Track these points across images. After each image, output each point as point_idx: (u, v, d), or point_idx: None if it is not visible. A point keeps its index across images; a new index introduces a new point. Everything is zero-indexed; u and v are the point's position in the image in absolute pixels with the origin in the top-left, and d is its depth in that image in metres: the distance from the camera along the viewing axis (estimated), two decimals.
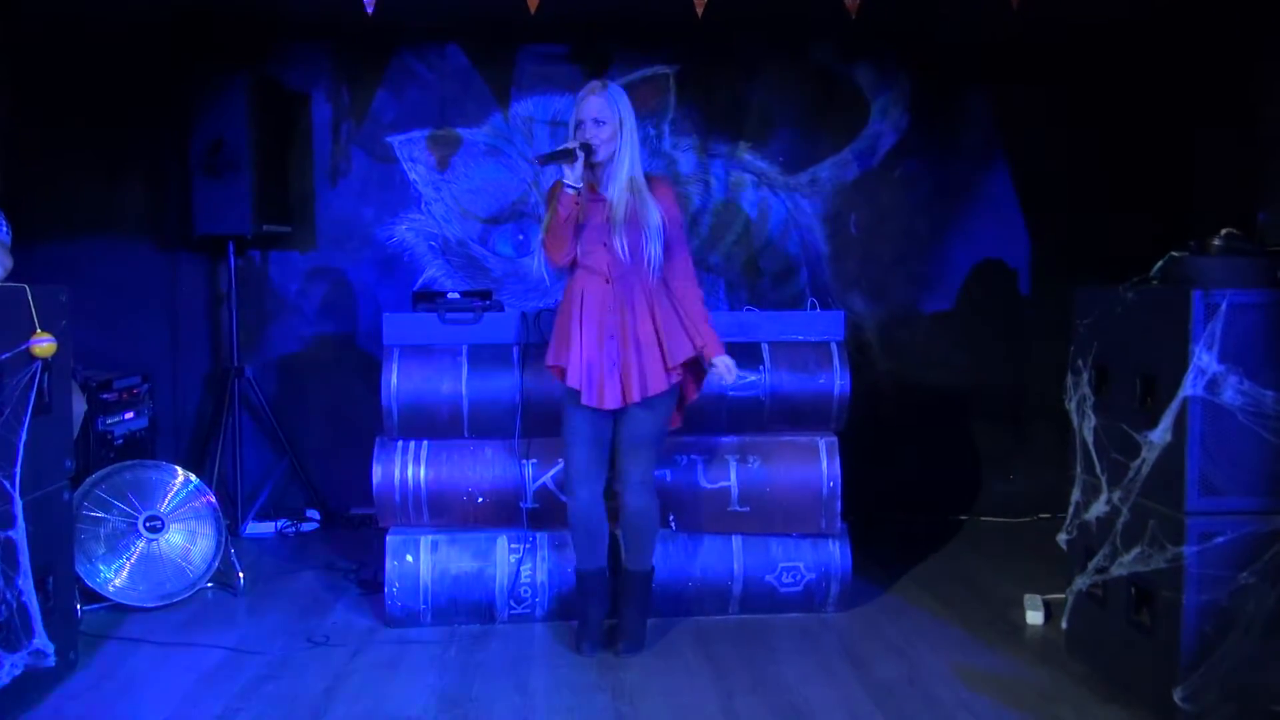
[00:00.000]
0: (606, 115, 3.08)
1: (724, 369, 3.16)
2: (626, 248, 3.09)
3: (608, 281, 3.12)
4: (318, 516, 4.85)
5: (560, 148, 3.05)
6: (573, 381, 3.11)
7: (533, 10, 2.80)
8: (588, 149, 3.05)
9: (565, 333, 3.16)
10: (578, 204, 3.05)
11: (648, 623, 3.37)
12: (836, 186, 4.99)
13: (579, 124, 3.10)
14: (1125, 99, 4.83)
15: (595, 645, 3.29)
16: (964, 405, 5.04)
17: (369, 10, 2.91)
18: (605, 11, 4.55)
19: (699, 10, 2.85)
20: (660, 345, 3.12)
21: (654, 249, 3.11)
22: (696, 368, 3.25)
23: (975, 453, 5.05)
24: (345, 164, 4.89)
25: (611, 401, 3.10)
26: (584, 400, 3.10)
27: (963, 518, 4.95)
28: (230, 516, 4.64)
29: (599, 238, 3.12)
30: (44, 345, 2.87)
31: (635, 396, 3.10)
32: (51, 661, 2.91)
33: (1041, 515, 4.90)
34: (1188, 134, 4.68)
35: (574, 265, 3.18)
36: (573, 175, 3.03)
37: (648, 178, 3.19)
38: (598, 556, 3.31)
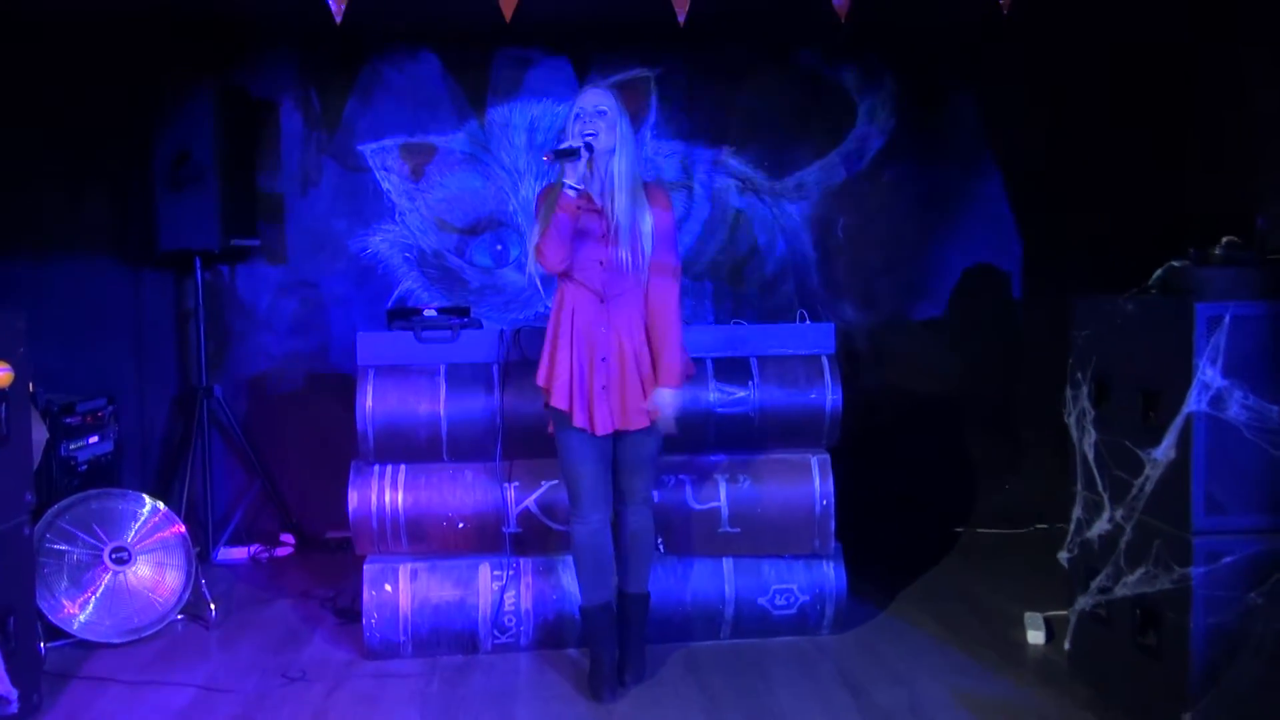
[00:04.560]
0: (605, 106, 3.04)
1: (661, 405, 3.05)
2: (629, 261, 3.03)
3: (602, 300, 3.05)
4: (292, 541, 4.77)
5: (567, 145, 2.95)
6: (559, 402, 3.05)
7: (508, 19, 2.74)
8: (590, 146, 2.97)
9: (552, 351, 3.09)
10: (579, 206, 2.98)
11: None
12: (823, 191, 4.96)
13: (578, 115, 3.03)
14: (1116, 98, 4.81)
15: (614, 689, 3.16)
16: (957, 413, 5.02)
17: (337, 20, 2.83)
18: (584, 13, 4.49)
19: (680, 17, 2.80)
20: (655, 367, 3.07)
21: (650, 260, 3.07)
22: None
23: (969, 463, 5.03)
24: (316, 174, 4.82)
25: (603, 427, 3.04)
26: (576, 422, 3.03)
27: (958, 530, 4.92)
28: (201, 542, 4.56)
29: (595, 253, 3.04)
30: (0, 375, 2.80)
31: (635, 423, 3.04)
32: (14, 708, 2.83)
33: (1039, 526, 4.87)
34: (1181, 134, 4.67)
35: (565, 279, 3.10)
36: (574, 175, 2.94)
37: (644, 185, 3.14)
38: (607, 588, 3.23)
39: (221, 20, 4.49)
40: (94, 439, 4.23)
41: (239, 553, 4.66)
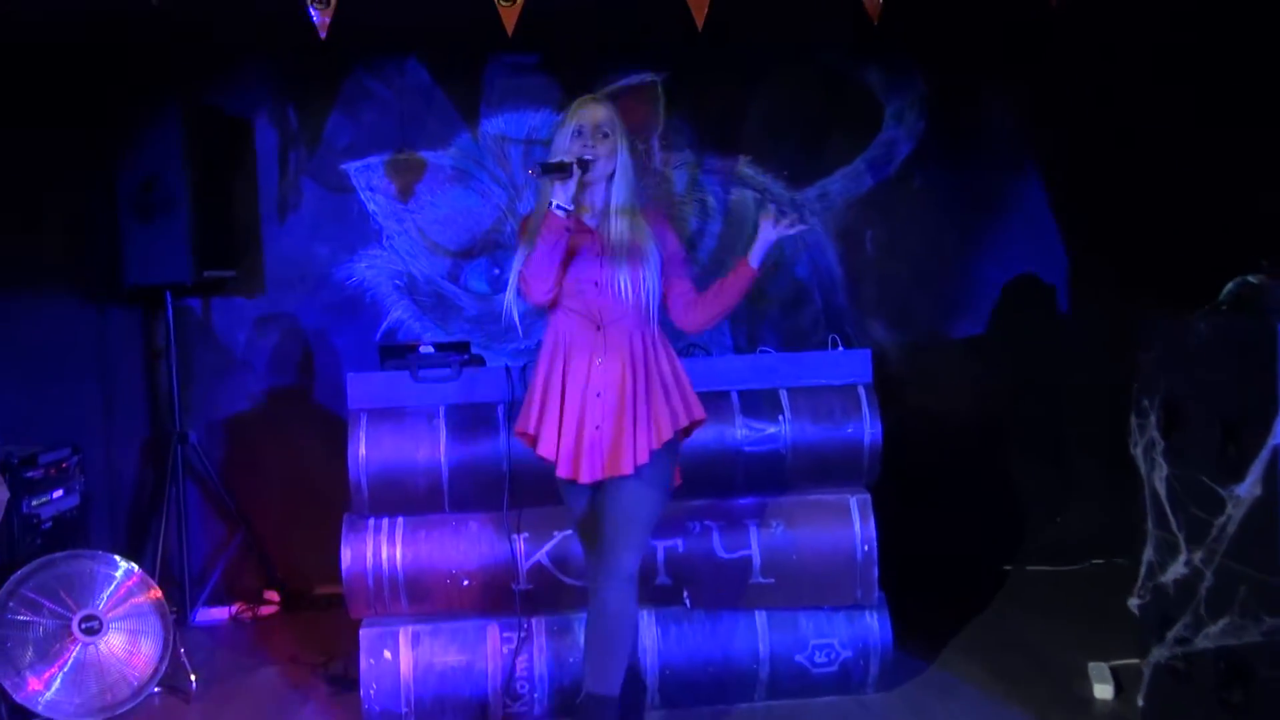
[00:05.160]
0: (610, 127, 2.91)
1: (770, 233, 2.93)
2: (628, 286, 2.90)
3: (598, 328, 2.92)
4: (277, 599, 4.72)
5: (559, 159, 2.83)
6: (546, 450, 2.90)
7: (510, 33, 2.69)
8: (585, 165, 2.84)
9: (543, 390, 2.94)
10: (568, 229, 2.87)
11: None
12: (849, 201, 4.91)
13: (578, 132, 2.89)
14: (1170, 91, 4.74)
15: None
16: (1001, 440, 4.96)
17: (321, 35, 2.77)
18: (584, 14, 4.44)
19: (699, 22, 2.74)
20: (654, 407, 2.89)
21: (655, 287, 2.94)
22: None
23: (1016, 494, 4.96)
24: (295, 197, 4.78)
25: (589, 474, 2.88)
26: (559, 473, 2.90)
27: (1007, 568, 4.85)
28: (177, 603, 4.51)
29: (589, 275, 2.92)
30: None
31: (626, 468, 2.84)
32: None
33: (1094, 561, 4.82)
34: (1243, 126, 4.60)
35: (554, 307, 2.98)
36: (564, 195, 2.81)
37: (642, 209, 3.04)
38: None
39: (190, 33, 4.43)
40: (58, 493, 4.15)
41: (219, 613, 4.62)
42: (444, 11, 4.24)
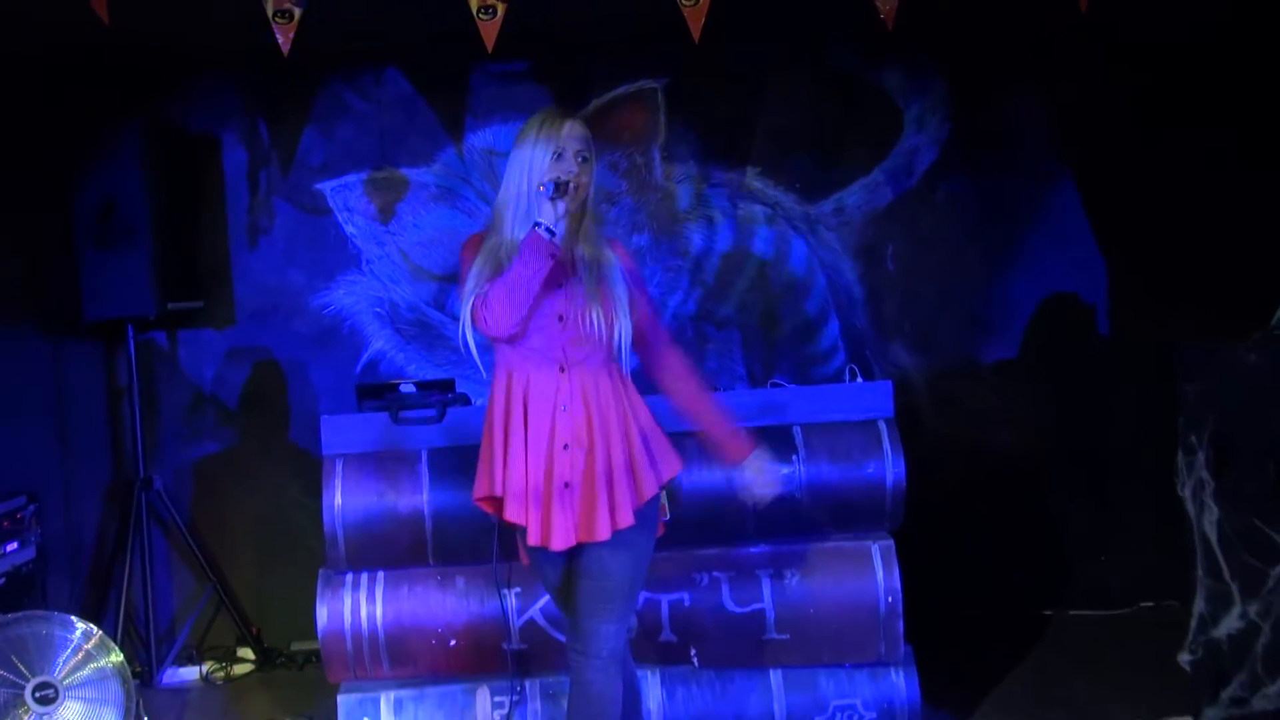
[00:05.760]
0: (589, 150, 2.81)
1: (757, 475, 2.87)
2: (600, 322, 2.75)
3: (562, 370, 2.79)
4: (251, 656, 4.70)
5: (553, 177, 2.71)
6: (514, 514, 2.77)
7: (490, 49, 2.68)
8: (579, 188, 2.75)
9: (504, 445, 2.79)
10: (553, 256, 2.75)
11: None
12: (868, 215, 4.90)
13: (558, 155, 2.74)
14: (1206, 97, 4.73)
15: None
16: (1038, 473, 4.92)
17: (284, 50, 2.77)
18: (577, 19, 4.45)
19: (695, 33, 2.73)
20: (633, 460, 2.78)
21: (626, 323, 2.79)
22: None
23: (1056, 531, 4.92)
24: (266, 219, 4.80)
25: (562, 540, 2.74)
26: (530, 540, 2.76)
27: (1047, 613, 4.81)
28: (144, 662, 4.54)
29: (551, 308, 2.78)
30: None
31: (602, 533, 2.72)
32: None
33: (1143, 604, 4.77)
34: None
35: (508, 346, 2.81)
36: (551, 216, 2.71)
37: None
38: None
39: (149, 46, 4.44)
40: (13, 546, 4.16)
41: (189, 673, 4.61)
42: (425, 18, 4.24)
